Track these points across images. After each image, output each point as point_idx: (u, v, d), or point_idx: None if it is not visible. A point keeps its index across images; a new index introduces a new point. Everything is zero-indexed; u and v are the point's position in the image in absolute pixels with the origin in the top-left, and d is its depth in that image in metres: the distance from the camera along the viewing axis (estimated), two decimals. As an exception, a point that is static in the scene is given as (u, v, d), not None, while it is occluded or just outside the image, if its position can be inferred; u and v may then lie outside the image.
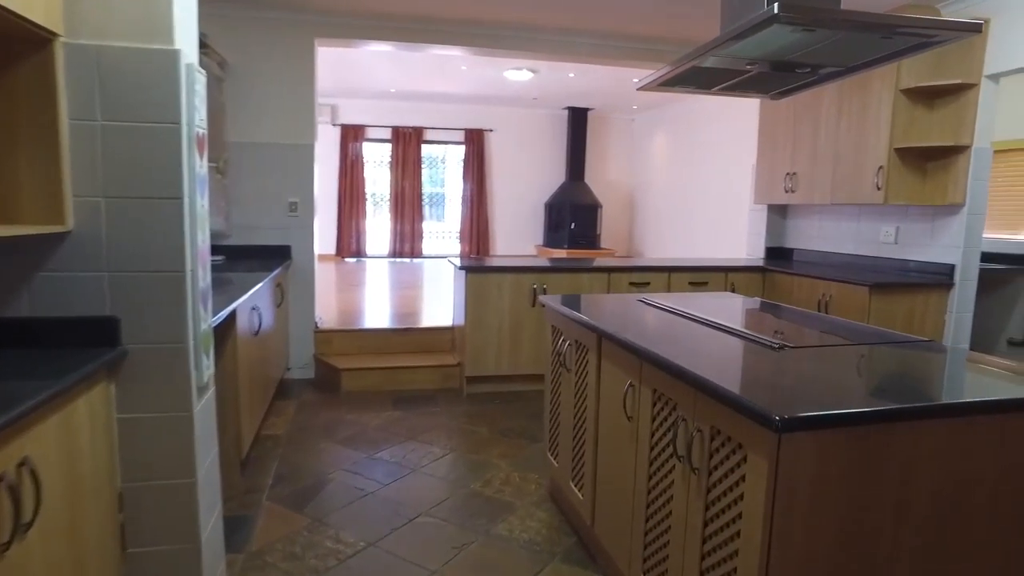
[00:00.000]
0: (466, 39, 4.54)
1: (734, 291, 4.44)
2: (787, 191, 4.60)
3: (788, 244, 5.15)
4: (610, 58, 4.84)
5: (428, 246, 10.69)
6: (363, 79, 8.22)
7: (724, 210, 7.85)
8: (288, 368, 4.45)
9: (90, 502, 1.50)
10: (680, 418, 1.57)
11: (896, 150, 3.67)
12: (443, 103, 10.13)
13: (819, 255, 4.78)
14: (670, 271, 4.38)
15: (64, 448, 1.38)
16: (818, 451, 1.23)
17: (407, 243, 10.45)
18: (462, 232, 10.71)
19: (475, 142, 10.47)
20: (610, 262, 4.65)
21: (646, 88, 2.43)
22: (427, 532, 2.44)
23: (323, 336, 4.53)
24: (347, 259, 10.12)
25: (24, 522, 1.20)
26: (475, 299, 4.07)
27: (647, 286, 4.33)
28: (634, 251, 10.88)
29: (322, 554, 2.27)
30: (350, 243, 10.20)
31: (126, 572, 1.70)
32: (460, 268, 4.14)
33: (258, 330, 3.07)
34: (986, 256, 3.75)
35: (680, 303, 2.51)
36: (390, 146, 10.26)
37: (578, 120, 10.34)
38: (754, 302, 2.68)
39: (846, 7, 1.77)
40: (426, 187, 10.60)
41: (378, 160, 10.37)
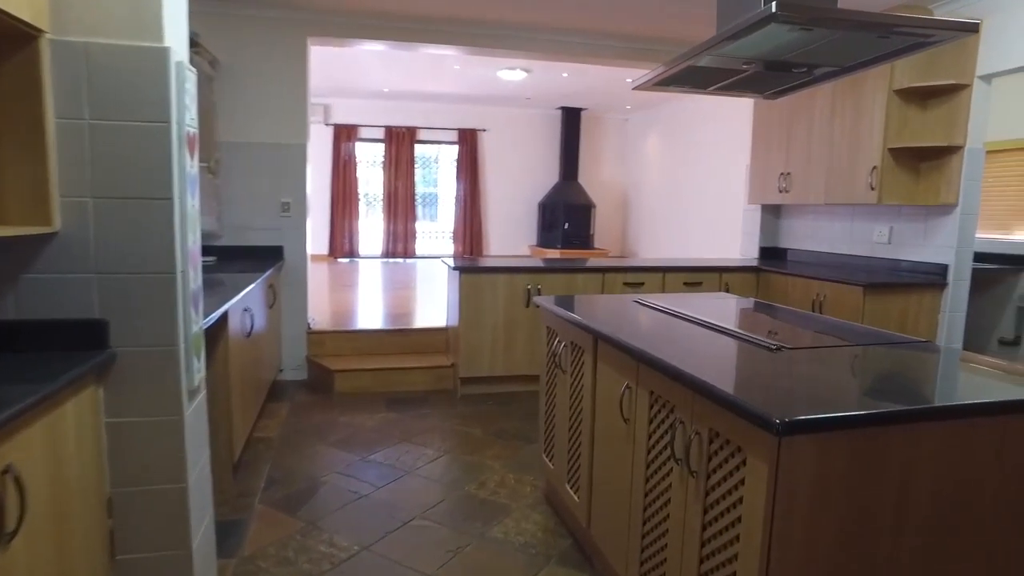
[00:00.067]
0: (460, 38, 4.51)
1: (728, 291, 4.44)
2: (781, 191, 4.60)
3: (782, 244, 5.16)
4: (604, 58, 4.83)
5: (421, 246, 10.66)
6: (356, 78, 8.18)
7: (718, 210, 7.86)
8: (281, 370, 4.42)
9: (77, 509, 1.47)
10: (678, 420, 1.56)
11: (890, 150, 3.68)
12: (436, 103, 10.10)
13: (813, 255, 4.79)
14: (664, 271, 4.37)
15: (50, 454, 1.35)
16: (818, 454, 1.22)
17: (400, 243, 10.42)
18: (455, 232, 10.68)
19: (468, 142, 10.45)
20: (604, 262, 4.63)
21: (642, 88, 2.42)
22: (422, 535, 2.42)
23: (316, 337, 4.50)
24: (340, 259, 10.07)
25: (8, 531, 1.17)
26: (469, 300, 4.05)
27: (642, 286, 4.32)
28: (628, 251, 10.88)
29: (315, 558, 2.24)
30: (343, 243, 10.15)
31: (115, 579, 1.67)
32: (454, 269, 4.12)
33: (250, 332, 3.04)
34: (978, 256, 3.76)
35: (676, 304, 2.50)
36: (383, 146, 10.23)
37: (572, 120, 10.34)
38: (749, 303, 2.67)
39: (842, 7, 1.77)
40: (419, 187, 10.57)
41: (371, 160, 10.33)
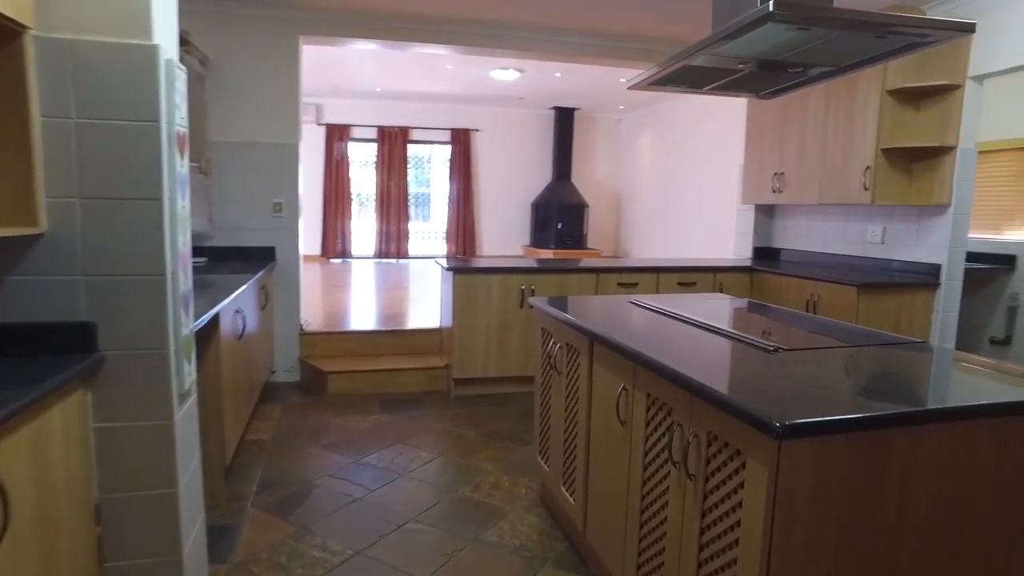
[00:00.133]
0: (453, 38, 4.49)
1: (722, 291, 4.44)
2: (775, 191, 4.61)
3: (775, 244, 5.17)
4: (598, 57, 4.82)
5: (414, 246, 10.62)
6: (348, 78, 8.14)
7: (711, 210, 7.88)
8: (273, 371, 4.38)
9: (64, 516, 1.44)
10: (676, 423, 1.54)
11: (883, 150, 3.69)
12: (429, 103, 10.07)
13: (806, 255, 4.80)
14: (658, 272, 4.37)
15: (36, 460, 1.32)
16: (819, 457, 1.20)
17: (393, 244, 10.38)
18: (448, 232, 10.65)
19: (461, 142, 10.42)
20: (598, 263, 4.63)
21: (637, 87, 2.41)
22: (416, 539, 2.40)
23: (308, 338, 4.47)
24: (332, 260, 10.02)
25: (-7, 540, 1.14)
26: (463, 300, 4.03)
27: (635, 287, 4.32)
28: (621, 251, 10.89)
29: (308, 563, 2.21)
30: (335, 244, 10.11)
31: (104, 587, 1.64)
32: (447, 269, 4.10)
33: (242, 333, 3.01)
34: (969, 256, 3.78)
35: (671, 304, 2.49)
36: (375, 146, 10.18)
37: (564, 120, 10.33)
38: (745, 303, 2.66)
39: (838, 7, 1.76)
40: (412, 187, 10.53)
41: (363, 160, 10.28)
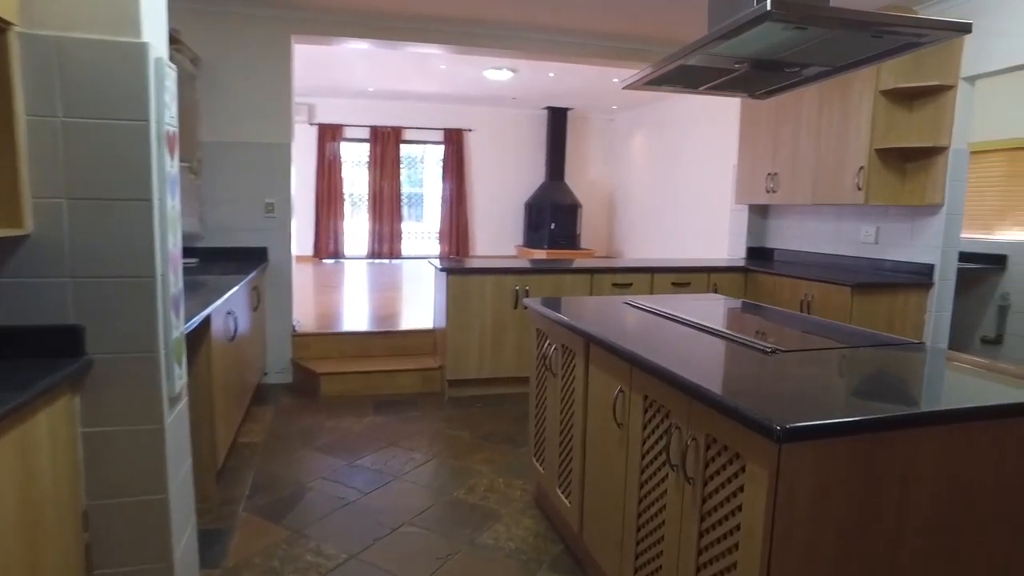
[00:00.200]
0: (446, 37, 4.47)
1: (716, 291, 4.44)
2: (768, 191, 4.61)
3: (769, 244, 5.17)
4: (591, 57, 4.80)
5: (407, 247, 10.59)
6: (341, 78, 8.10)
7: (704, 210, 7.89)
8: (265, 373, 4.34)
9: (51, 523, 1.41)
10: (673, 426, 1.53)
11: (876, 151, 3.69)
12: (422, 102, 10.04)
13: (800, 255, 4.80)
14: (653, 272, 4.36)
15: (21, 467, 1.29)
16: (819, 460, 1.19)
17: (386, 244, 10.34)
18: (441, 232, 10.62)
19: (454, 142, 10.39)
20: (592, 263, 4.61)
21: (632, 87, 2.39)
22: (410, 542, 2.38)
23: (301, 340, 4.43)
24: (325, 260, 9.97)
25: (-23, 550, 1.11)
26: (456, 301, 4.00)
27: (630, 287, 4.31)
28: (614, 251, 10.89)
29: (302, 568, 2.19)
30: (328, 244, 10.05)
31: (93, 595, 1.61)
32: (441, 270, 4.07)
33: (234, 335, 2.98)
34: (960, 256, 3.79)
35: (666, 305, 2.48)
36: (368, 146, 10.14)
37: (558, 120, 10.33)
38: (739, 303, 2.66)
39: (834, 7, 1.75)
40: (405, 187, 10.50)
41: (356, 160, 10.24)
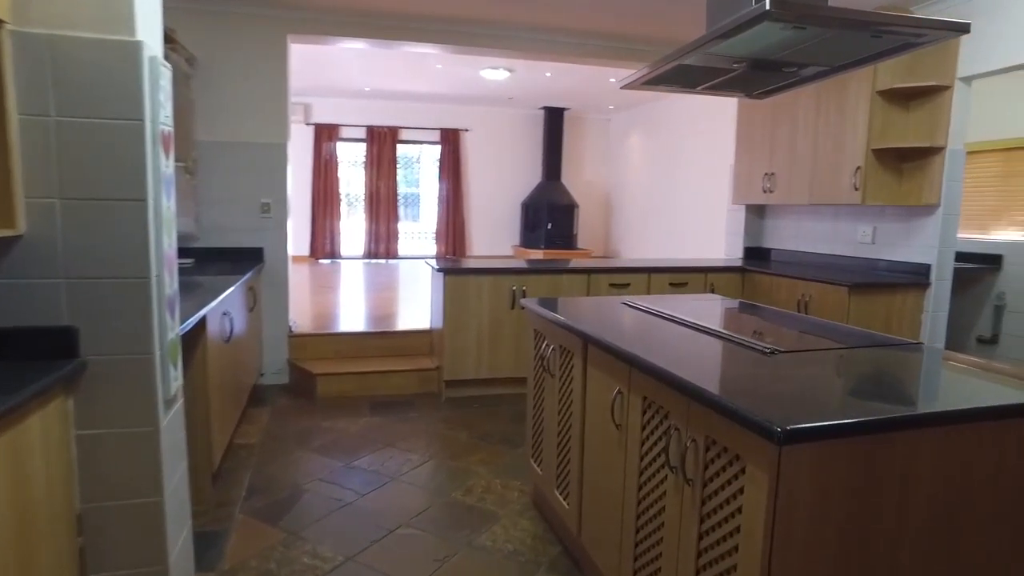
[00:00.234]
0: (442, 36, 4.46)
1: (714, 291, 4.44)
2: (765, 191, 4.61)
3: (766, 244, 5.18)
4: (589, 57, 4.80)
5: (404, 247, 10.56)
6: (337, 78, 8.07)
7: (702, 210, 7.89)
8: (261, 374, 4.32)
9: (44, 527, 1.40)
10: (673, 427, 1.52)
11: (873, 151, 3.70)
12: (418, 102, 10.02)
13: (797, 255, 4.81)
14: (650, 272, 4.35)
15: (12, 471, 1.27)
16: (819, 461, 1.19)
17: (382, 244, 10.31)
18: (438, 233, 10.60)
19: (451, 142, 10.38)
20: (590, 263, 4.60)
21: (630, 87, 2.39)
22: (408, 544, 2.37)
23: (297, 340, 4.41)
24: (321, 261, 9.94)
25: (-31, 555, 1.10)
26: (453, 302, 3.99)
27: (627, 287, 4.30)
28: (611, 251, 10.89)
29: (299, 570, 2.17)
30: (324, 244, 10.03)
31: (87, 599, 1.60)
32: (438, 270, 4.06)
33: (229, 336, 2.96)
34: (957, 256, 3.79)
35: (664, 305, 2.47)
36: (364, 146, 10.11)
37: (554, 120, 10.32)
38: (737, 304, 2.65)
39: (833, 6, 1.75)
40: (401, 187, 10.47)
41: (352, 160, 10.21)
